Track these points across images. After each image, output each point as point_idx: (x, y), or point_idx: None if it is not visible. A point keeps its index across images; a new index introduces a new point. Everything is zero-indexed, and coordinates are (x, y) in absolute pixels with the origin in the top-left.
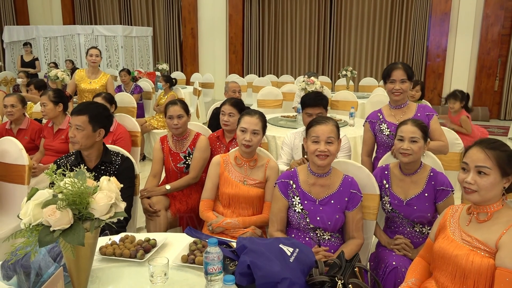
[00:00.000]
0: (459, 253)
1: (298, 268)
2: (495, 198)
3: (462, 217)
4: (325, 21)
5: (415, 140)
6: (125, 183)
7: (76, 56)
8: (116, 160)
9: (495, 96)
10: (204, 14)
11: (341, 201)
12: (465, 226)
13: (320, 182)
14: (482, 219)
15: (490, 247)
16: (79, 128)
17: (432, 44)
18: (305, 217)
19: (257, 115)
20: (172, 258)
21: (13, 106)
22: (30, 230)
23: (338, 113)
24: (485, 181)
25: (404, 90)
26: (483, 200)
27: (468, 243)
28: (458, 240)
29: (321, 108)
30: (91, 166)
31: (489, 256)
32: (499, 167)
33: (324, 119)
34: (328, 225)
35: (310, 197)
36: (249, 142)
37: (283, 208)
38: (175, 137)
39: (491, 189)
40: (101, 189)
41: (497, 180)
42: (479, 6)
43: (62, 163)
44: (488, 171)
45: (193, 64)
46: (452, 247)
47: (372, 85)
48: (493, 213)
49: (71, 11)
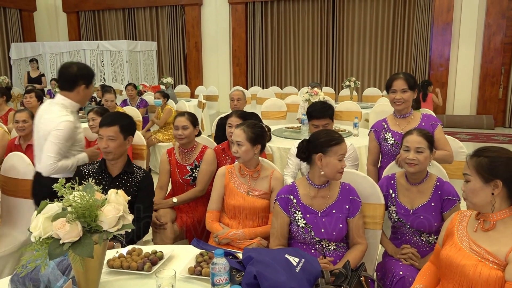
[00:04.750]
0: (466, 263)
1: (304, 278)
2: (488, 205)
3: (470, 223)
4: (327, 32)
5: (421, 150)
6: (147, 201)
7: None
8: (138, 173)
9: (500, 104)
10: (208, 28)
11: (343, 210)
12: (473, 233)
13: (321, 193)
14: (486, 227)
15: (500, 259)
16: (112, 139)
17: (434, 54)
18: (309, 231)
19: (240, 127)
20: (179, 270)
21: (25, 121)
22: (40, 243)
23: (342, 124)
24: (467, 187)
25: (405, 99)
26: (473, 205)
27: (476, 253)
28: (466, 248)
29: (327, 119)
30: (113, 174)
31: (497, 268)
32: (478, 173)
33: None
34: (333, 236)
35: (312, 210)
36: (235, 153)
37: (284, 224)
38: (182, 149)
39: (474, 195)
40: (109, 202)
41: (478, 186)
42: (480, 16)
43: (85, 169)
44: (469, 177)
45: (197, 77)
46: (460, 256)
47: (375, 95)
48: (497, 222)
49: (76, 27)
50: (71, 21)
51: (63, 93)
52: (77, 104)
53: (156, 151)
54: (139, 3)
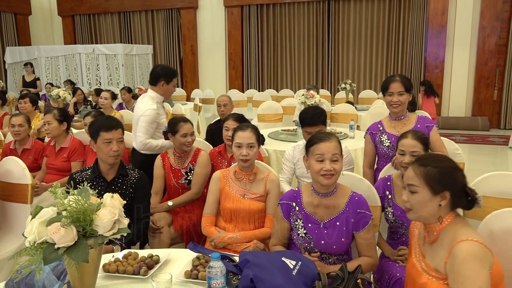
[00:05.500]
0: (421, 281)
1: (301, 281)
2: (433, 217)
3: (421, 235)
4: (323, 35)
5: (416, 154)
6: (144, 201)
7: (77, 75)
8: (133, 174)
9: (495, 105)
10: (204, 31)
11: (347, 223)
12: (422, 246)
13: (324, 202)
14: (431, 239)
15: (442, 274)
16: (121, 140)
17: (430, 56)
18: (309, 241)
19: (250, 129)
20: (175, 274)
21: (21, 125)
22: (35, 248)
23: (338, 126)
24: (413, 198)
25: (402, 102)
26: (418, 217)
27: (425, 271)
28: (419, 266)
29: (320, 125)
30: (108, 179)
31: (444, 284)
32: (427, 184)
33: (326, 136)
34: (333, 249)
35: (314, 220)
36: (246, 157)
37: (285, 229)
38: (177, 153)
39: (421, 207)
40: (104, 206)
41: (426, 198)
42: (475, 18)
43: (78, 177)
44: (416, 189)
45: (193, 80)
46: (417, 275)
47: (371, 97)
48: (440, 232)
49: (72, 31)
50: (66, 25)
51: (151, 87)
52: (162, 97)
53: None
54: (134, 6)
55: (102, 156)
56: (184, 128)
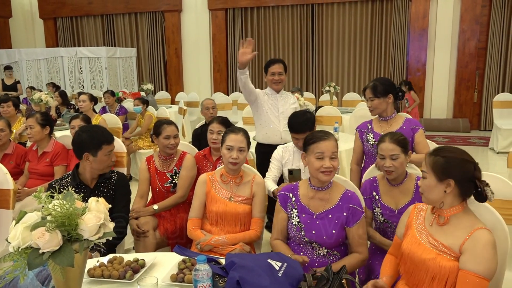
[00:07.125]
0: (427, 257)
1: (287, 282)
2: (438, 202)
3: (427, 217)
4: (307, 38)
5: (395, 157)
6: (123, 200)
7: (59, 79)
8: (113, 177)
9: (475, 107)
10: (188, 34)
11: (340, 216)
12: (429, 227)
13: (319, 195)
14: (441, 222)
15: (455, 252)
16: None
17: (412, 59)
18: (300, 230)
19: (242, 133)
20: (161, 278)
21: (2, 130)
22: (19, 253)
23: (323, 129)
24: (423, 183)
25: (374, 107)
26: (427, 200)
27: (434, 247)
28: (425, 242)
29: (307, 132)
30: (91, 186)
31: (454, 259)
32: (433, 172)
33: (325, 135)
34: (324, 240)
35: (308, 211)
36: (236, 160)
37: (283, 220)
38: (162, 156)
39: (429, 191)
40: (89, 210)
41: (432, 184)
42: (455, 22)
43: (57, 186)
44: (425, 174)
45: (178, 83)
46: (420, 251)
47: (355, 99)
48: (450, 217)
49: (54, 33)
50: (48, 28)
51: None
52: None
53: (136, 158)
54: (118, 9)
55: (100, 167)
56: (167, 130)
